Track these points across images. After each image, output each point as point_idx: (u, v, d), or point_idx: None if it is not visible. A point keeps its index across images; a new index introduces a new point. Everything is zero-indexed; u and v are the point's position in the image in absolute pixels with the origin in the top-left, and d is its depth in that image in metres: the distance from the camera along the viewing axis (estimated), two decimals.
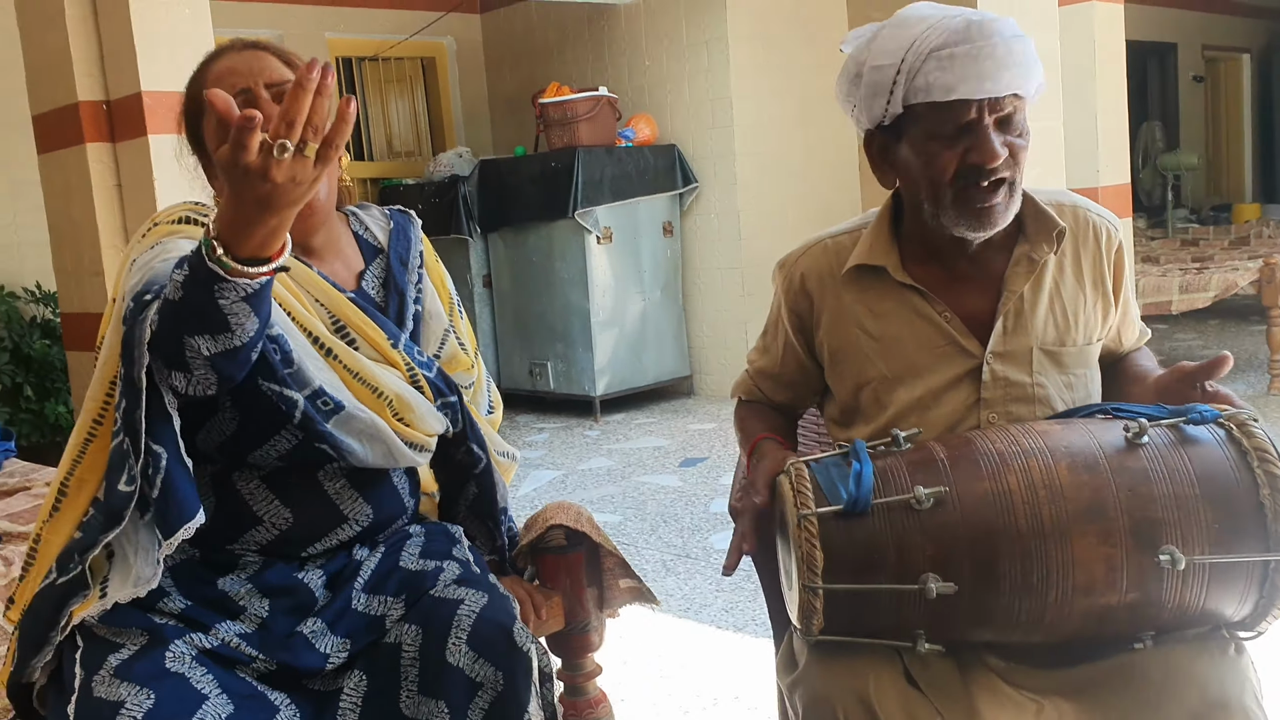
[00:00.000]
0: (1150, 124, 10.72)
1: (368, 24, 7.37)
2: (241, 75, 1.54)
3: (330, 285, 1.57)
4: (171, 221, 1.52)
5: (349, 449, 1.52)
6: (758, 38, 6.63)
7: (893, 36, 1.52)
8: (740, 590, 3.56)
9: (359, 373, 1.52)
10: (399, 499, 1.66)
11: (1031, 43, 1.50)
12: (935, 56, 1.46)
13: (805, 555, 1.34)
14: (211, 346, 1.27)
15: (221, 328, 1.26)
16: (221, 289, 1.22)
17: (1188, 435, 1.38)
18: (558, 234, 6.50)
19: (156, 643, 1.39)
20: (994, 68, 1.45)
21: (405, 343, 1.63)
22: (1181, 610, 1.35)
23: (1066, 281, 1.63)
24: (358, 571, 1.58)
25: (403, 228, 1.75)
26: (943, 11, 1.51)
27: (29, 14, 4.34)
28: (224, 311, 1.24)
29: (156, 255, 1.44)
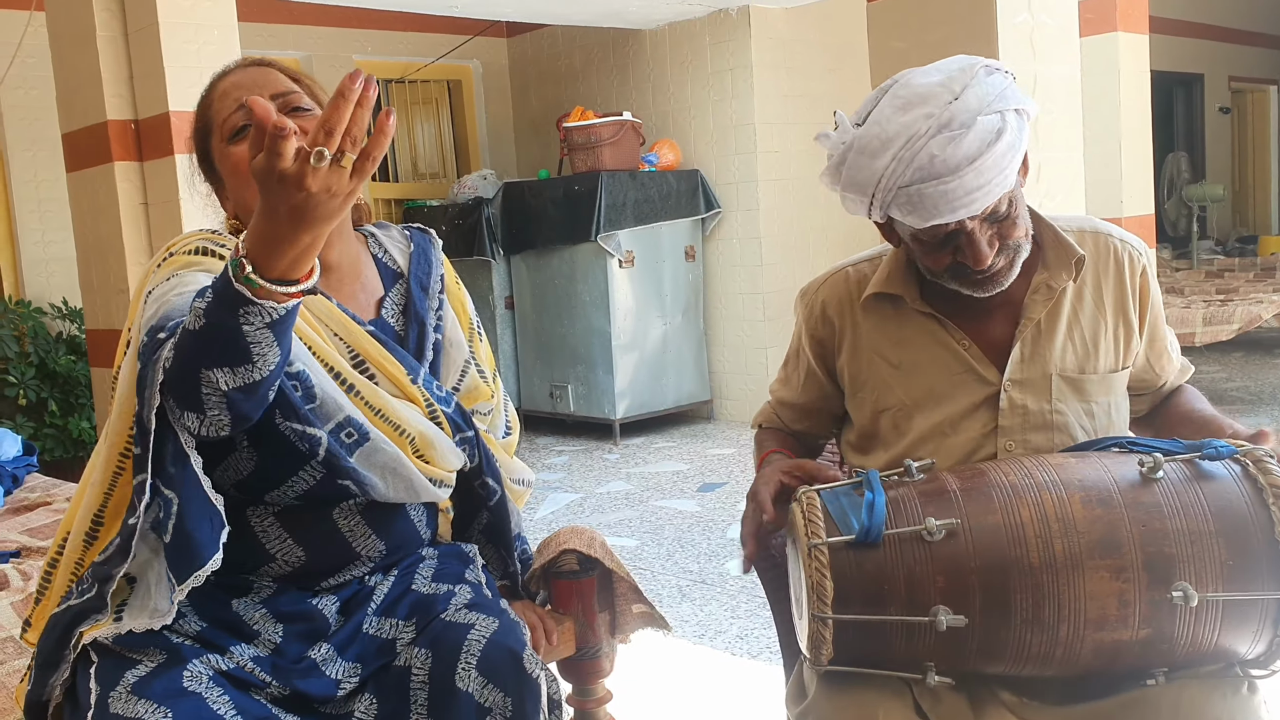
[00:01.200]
0: (1176, 155, 10.67)
1: (395, 47, 7.44)
2: (245, 89, 1.53)
3: (349, 317, 1.53)
4: (187, 251, 1.50)
5: (370, 484, 1.51)
6: (781, 65, 6.66)
7: (861, 166, 1.49)
8: (755, 618, 3.55)
9: (381, 409, 1.50)
10: (415, 532, 1.65)
11: (1004, 138, 1.43)
12: (905, 192, 1.46)
13: (815, 584, 1.33)
14: (230, 380, 1.24)
15: (242, 358, 1.22)
16: (247, 313, 1.19)
17: (1203, 471, 1.37)
18: (580, 257, 6.52)
19: (174, 661, 1.38)
20: (965, 197, 1.43)
21: (425, 377, 1.59)
22: (1194, 647, 1.34)
23: (1086, 308, 1.63)
24: (371, 596, 1.58)
25: (423, 250, 1.71)
26: (896, 136, 1.45)
27: (61, 35, 4.41)
28: (247, 339, 1.21)
29: (172, 288, 1.42)
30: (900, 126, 1.45)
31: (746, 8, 6.51)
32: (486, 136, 8.06)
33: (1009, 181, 1.46)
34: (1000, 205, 1.49)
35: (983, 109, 1.43)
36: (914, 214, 1.47)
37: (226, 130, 1.53)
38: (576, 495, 5.40)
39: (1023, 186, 1.56)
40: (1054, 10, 2.86)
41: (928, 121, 1.43)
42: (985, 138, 1.42)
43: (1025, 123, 1.49)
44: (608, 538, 4.53)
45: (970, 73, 1.47)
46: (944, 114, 1.43)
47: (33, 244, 6.07)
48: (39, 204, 6.00)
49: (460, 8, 6.20)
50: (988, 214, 1.48)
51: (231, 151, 1.52)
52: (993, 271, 1.54)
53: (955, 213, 1.45)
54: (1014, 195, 1.51)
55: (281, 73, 1.58)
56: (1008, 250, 1.53)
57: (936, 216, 1.45)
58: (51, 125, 4.70)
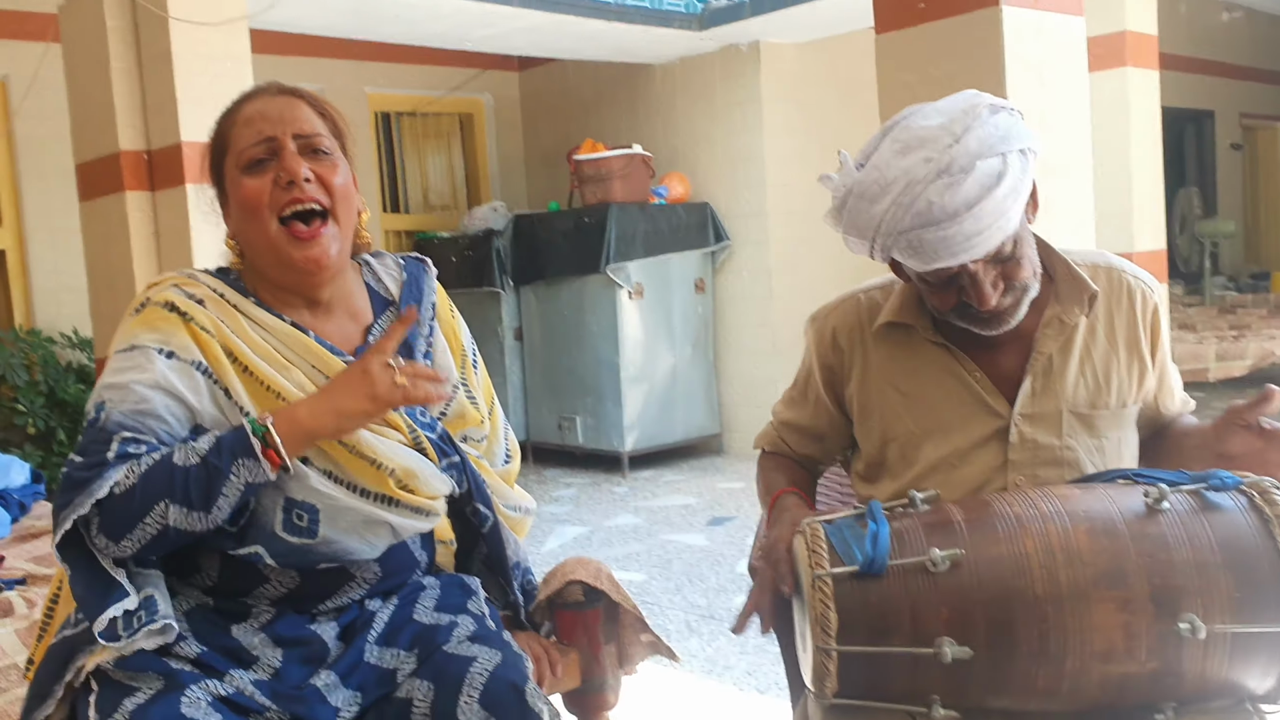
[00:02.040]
0: (1188, 191, 10.66)
1: (407, 80, 7.50)
2: (272, 122, 1.52)
3: (326, 350, 1.53)
4: (160, 304, 1.50)
5: (350, 551, 1.51)
6: (790, 99, 6.69)
7: (860, 211, 1.50)
8: (764, 653, 3.51)
9: (354, 446, 1.49)
10: (410, 556, 1.64)
11: (1005, 182, 1.43)
12: (904, 237, 1.46)
13: (819, 616, 1.32)
14: (178, 519, 1.38)
15: (204, 505, 1.38)
16: (242, 465, 1.38)
17: (1209, 502, 1.36)
18: (589, 288, 6.53)
19: (172, 687, 1.38)
20: (965, 242, 1.44)
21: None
22: (1203, 681, 1.32)
23: (1099, 344, 1.62)
24: (370, 622, 1.57)
25: (416, 278, 1.71)
26: (895, 180, 1.45)
27: (76, 66, 4.46)
28: (222, 489, 1.38)
29: (128, 374, 1.44)
30: (899, 171, 1.45)
31: (756, 43, 6.55)
32: (497, 169, 8.10)
33: (1011, 225, 1.45)
34: (1005, 247, 1.48)
35: (983, 152, 1.43)
36: (915, 258, 1.47)
37: (243, 160, 1.52)
38: (584, 528, 5.38)
39: (1031, 223, 1.56)
40: (1062, 43, 2.87)
41: (927, 166, 1.43)
42: (985, 182, 1.42)
43: (1029, 162, 1.48)
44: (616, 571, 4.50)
45: (973, 113, 1.46)
46: (943, 158, 1.43)
47: (45, 273, 6.11)
48: (51, 234, 6.04)
49: (472, 42, 6.26)
50: (991, 256, 1.48)
51: (245, 183, 1.51)
52: (998, 311, 1.53)
53: (956, 257, 1.45)
54: (1019, 235, 1.50)
55: (309, 105, 1.57)
56: (1014, 290, 1.53)
57: (937, 261, 1.46)
58: (65, 155, 4.74)
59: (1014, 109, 1.50)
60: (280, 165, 1.50)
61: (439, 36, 6.09)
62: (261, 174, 1.51)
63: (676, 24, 6.15)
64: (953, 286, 1.52)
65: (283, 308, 1.56)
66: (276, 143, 1.51)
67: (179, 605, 1.50)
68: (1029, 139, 1.48)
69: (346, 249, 1.58)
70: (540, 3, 5.49)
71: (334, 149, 1.56)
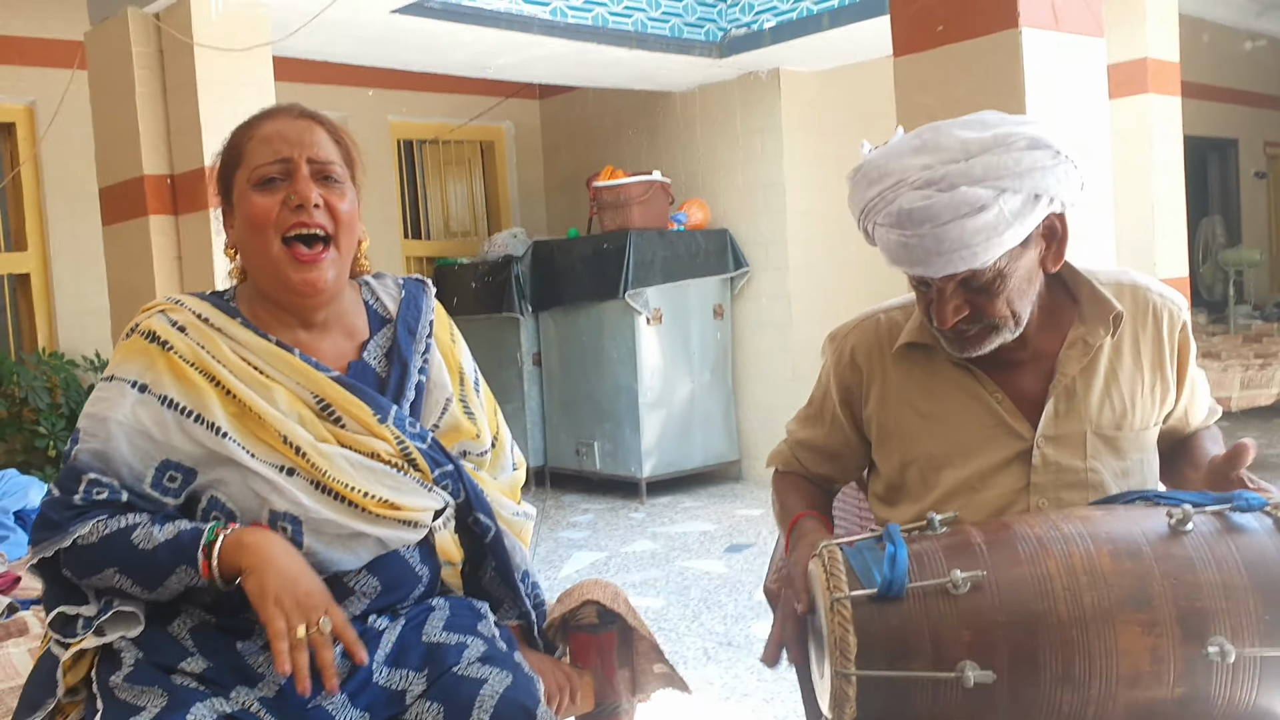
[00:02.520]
0: (1211, 219, 10.59)
1: (429, 108, 7.55)
2: (290, 143, 1.55)
3: (310, 367, 1.56)
4: (143, 334, 1.55)
5: (335, 561, 1.51)
6: (810, 127, 6.69)
7: (856, 188, 1.52)
8: (782, 681, 3.48)
9: (319, 482, 1.50)
10: (408, 569, 1.63)
11: (983, 216, 1.41)
12: (879, 229, 1.49)
13: (838, 640, 1.30)
14: (124, 586, 1.46)
15: (150, 585, 1.45)
16: (184, 571, 1.43)
17: (1234, 523, 1.33)
18: (608, 314, 6.53)
19: (177, 705, 1.37)
20: (925, 256, 1.44)
21: (396, 415, 1.59)
22: (1232, 707, 1.29)
23: (1124, 365, 1.60)
24: (378, 642, 1.55)
25: (414, 297, 1.73)
26: (893, 173, 1.46)
27: (101, 92, 4.50)
28: (168, 581, 1.44)
29: (103, 406, 1.51)
30: (898, 167, 1.46)
31: (776, 70, 6.56)
32: (517, 195, 8.13)
33: (980, 258, 1.43)
34: (980, 276, 1.46)
35: (981, 180, 1.41)
36: (886, 252, 1.50)
37: (256, 177, 1.54)
38: (602, 554, 5.35)
39: (1048, 271, 1.53)
40: (1082, 65, 2.85)
41: (921, 173, 1.44)
42: (958, 208, 1.40)
43: (1040, 209, 1.45)
44: (633, 597, 4.48)
45: (1005, 141, 1.44)
46: (939, 171, 1.43)
47: (68, 296, 6.15)
48: (75, 257, 6.09)
49: (493, 70, 6.29)
50: (960, 280, 1.47)
51: (254, 200, 1.54)
52: (960, 333, 1.52)
53: (913, 266, 1.47)
54: (1006, 273, 1.47)
55: (327, 131, 1.60)
56: (980, 322, 1.51)
57: (899, 263, 1.48)
58: (89, 180, 4.78)
59: (1069, 158, 1.46)
60: (292, 187, 1.53)
61: (460, 65, 6.13)
62: (272, 193, 1.54)
63: (696, 52, 6.18)
64: (924, 293, 1.53)
65: (273, 326, 1.59)
66: (291, 164, 1.54)
67: (183, 623, 1.50)
68: (1059, 190, 1.45)
69: (344, 275, 1.61)
70: (561, 30, 5.52)
71: (344, 177, 1.59)
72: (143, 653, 1.46)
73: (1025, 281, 1.51)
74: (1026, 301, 1.53)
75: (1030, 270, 1.51)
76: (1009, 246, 1.45)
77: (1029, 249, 1.50)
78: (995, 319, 1.51)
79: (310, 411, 1.53)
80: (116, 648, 1.47)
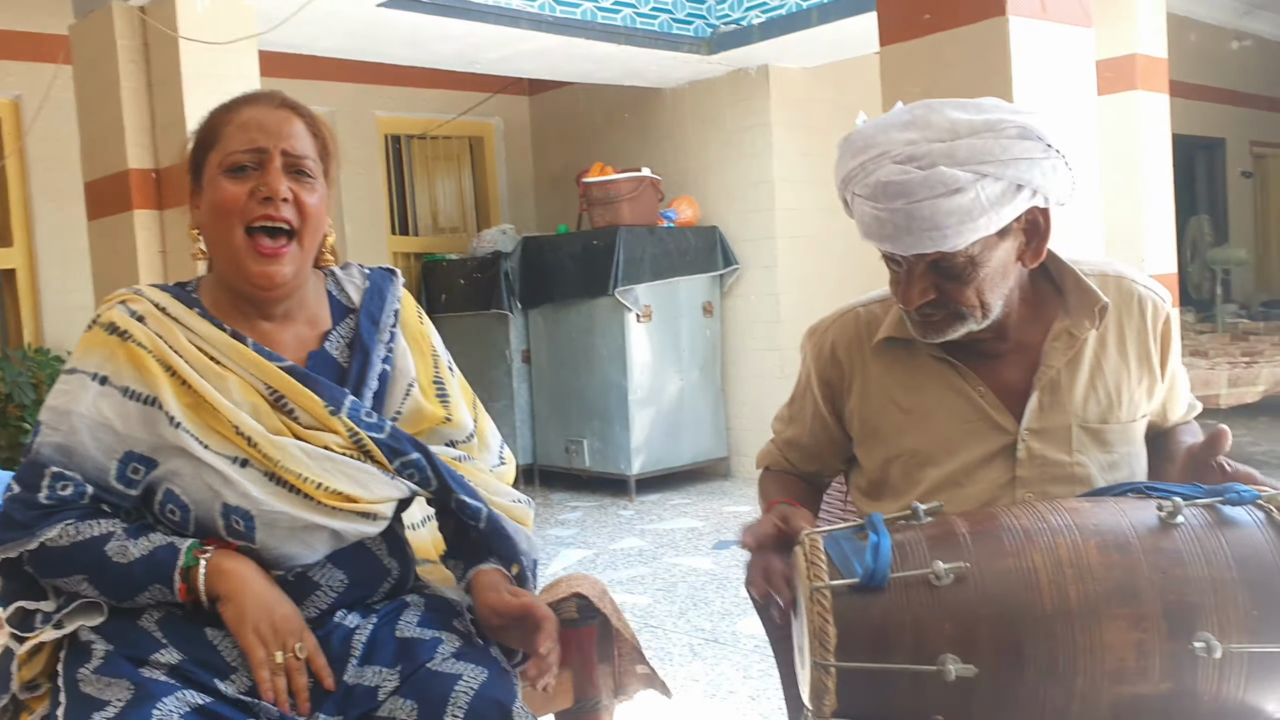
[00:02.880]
0: (1199, 218, 10.61)
1: (417, 104, 7.51)
2: (266, 133, 1.53)
3: (262, 358, 1.53)
4: (104, 325, 1.53)
5: (290, 556, 1.49)
6: (799, 124, 6.68)
7: (842, 156, 1.51)
8: (768, 678, 3.46)
9: (272, 473, 1.49)
10: (377, 564, 1.60)
11: (957, 199, 1.39)
12: (857, 199, 1.47)
13: (818, 630, 1.28)
14: (90, 593, 1.46)
15: (120, 598, 1.46)
16: (156, 589, 1.44)
17: (1225, 517, 1.31)
18: (598, 311, 6.51)
19: (143, 699, 1.35)
20: (895, 232, 1.43)
21: (351, 406, 1.55)
22: (1219, 704, 1.27)
23: (1110, 357, 1.58)
24: (350, 639, 1.53)
25: (379, 286, 1.70)
26: (878, 145, 1.45)
27: (86, 86, 4.47)
28: (138, 594, 1.45)
29: (65, 399, 1.49)
30: (884, 140, 1.45)
31: (765, 67, 6.55)
32: (506, 192, 8.10)
33: (950, 241, 1.41)
34: (950, 260, 1.44)
35: (964, 163, 1.39)
36: (860, 224, 1.49)
37: (228, 163, 1.53)
38: (590, 551, 5.33)
39: (1026, 266, 1.52)
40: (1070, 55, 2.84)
41: (905, 148, 1.42)
42: (934, 187, 1.39)
43: (1015, 200, 1.42)
44: (620, 594, 4.46)
45: (995, 127, 1.42)
46: (922, 148, 1.41)
47: (54, 292, 6.11)
48: (61, 253, 6.04)
49: (482, 65, 6.27)
50: (930, 262, 1.45)
51: (223, 186, 1.52)
52: (924, 317, 1.51)
53: (883, 242, 1.46)
54: (979, 261, 1.45)
55: (305, 123, 1.58)
56: (946, 308, 1.49)
57: (870, 237, 1.47)
58: (75, 176, 4.75)
59: (1060, 154, 1.44)
60: (263, 178, 1.52)
61: (449, 59, 6.10)
62: (242, 180, 1.52)
63: (685, 48, 6.16)
64: (895, 271, 1.51)
65: (232, 316, 1.58)
66: (265, 155, 1.52)
67: (151, 615, 1.48)
68: (1045, 184, 1.43)
69: (305, 269, 1.59)
70: (550, 25, 5.50)
71: (317, 172, 1.58)
72: (113, 645, 1.43)
73: (999, 273, 1.49)
74: (998, 293, 1.50)
75: (1005, 262, 1.49)
76: (983, 234, 1.42)
77: (1006, 240, 1.47)
78: (962, 307, 1.49)
79: (264, 402, 1.52)
80: (86, 640, 1.45)
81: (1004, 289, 1.51)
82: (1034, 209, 1.48)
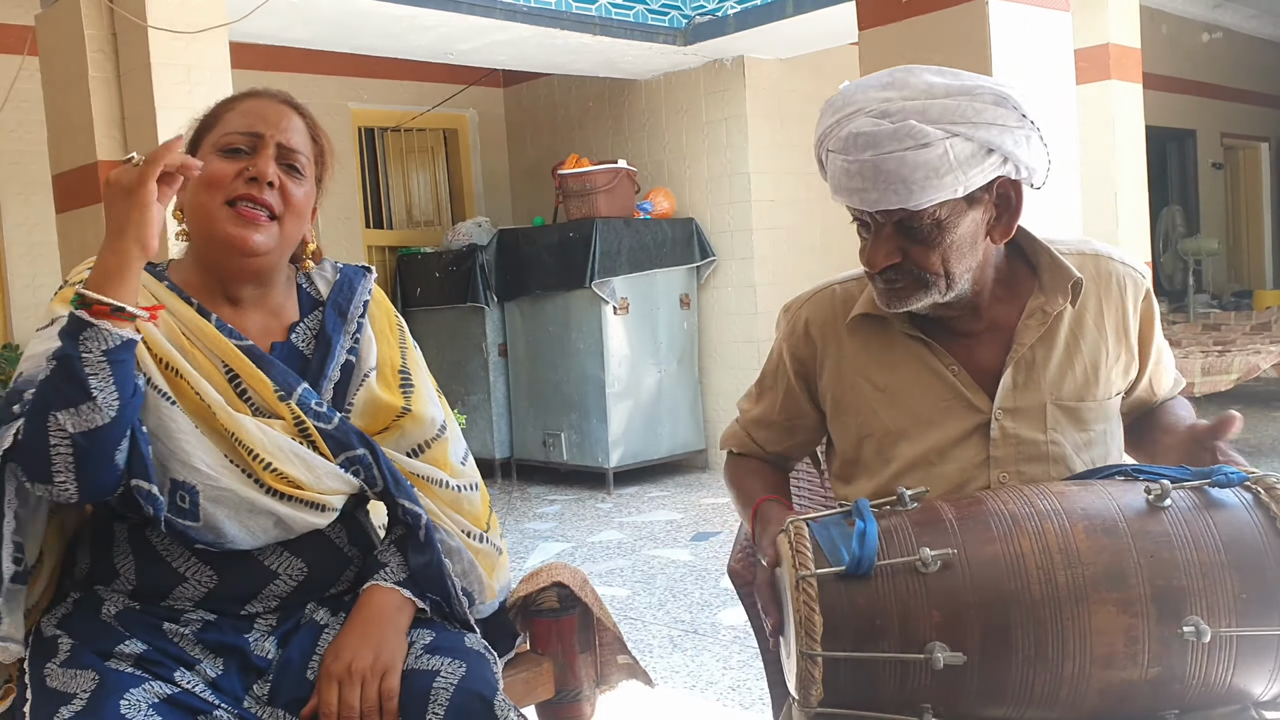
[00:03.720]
0: (1171, 209, 10.69)
1: (391, 95, 7.45)
2: (266, 122, 1.55)
3: (222, 336, 1.51)
4: (77, 284, 1.48)
5: (230, 538, 1.46)
6: (775, 115, 6.67)
7: (823, 118, 1.50)
8: (748, 668, 3.45)
9: (235, 433, 1.46)
10: (338, 553, 1.58)
11: (925, 154, 1.38)
12: (831, 154, 1.47)
13: (804, 619, 1.26)
14: (74, 423, 1.32)
15: (82, 393, 1.32)
16: (85, 339, 1.32)
17: (1213, 499, 1.30)
18: (574, 304, 6.48)
19: (110, 690, 1.32)
20: (862, 185, 1.42)
21: (303, 393, 1.53)
22: (1207, 687, 1.26)
23: (1087, 334, 1.56)
24: (318, 635, 1.51)
25: (349, 279, 1.69)
26: (855, 103, 1.45)
27: (54, 78, 4.39)
28: (85, 369, 1.31)
29: (44, 344, 1.42)
30: (861, 98, 1.45)
31: (741, 58, 6.53)
32: (482, 184, 8.05)
33: (915, 197, 1.40)
34: (916, 221, 1.43)
35: (936, 121, 1.39)
36: (830, 181, 1.48)
37: (222, 143, 1.54)
38: (568, 544, 5.31)
39: (995, 243, 1.50)
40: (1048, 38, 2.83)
41: (880, 104, 1.42)
42: (902, 140, 1.39)
43: (985, 163, 1.41)
44: (599, 587, 4.44)
45: (971, 91, 1.42)
46: (896, 105, 1.41)
47: (22, 287, 6.03)
48: (30, 248, 5.97)
49: (456, 55, 6.22)
50: (897, 220, 1.44)
51: (213, 162, 1.52)
52: (888, 284, 1.50)
53: (850, 196, 1.45)
54: (942, 224, 1.44)
55: (306, 124, 1.60)
56: (910, 273, 1.47)
57: (838, 190, 1.46)
58: (43, 169, 4.67)
59: (1036, 126, 1.44)
60: (253, 160, 1.52)
61: (423, 50, 6.05)
62: (234, 161, 1.53)
63: (661, 39, 6.13)
64: (864, 237, 1.51)
65: (198, 294, 1.56)
66: (260, 140, 1.54)
67: (108, 610, 1.46)
68: (1018, 153, 1.42)
69: (280, 255, 1.58)
70: (524, 15, 5.46)
71: (308, 171, 1.58)
72: (77, 639, 1.41)
73: (967, 242, 1.47)
74: (964, 264, 1.49)
75: (973, 233, 1.47)
76: (949, 194, 1.41)
77: (975, 210, 1.46)
78: (927, 272, 1.47)
79: (223, 380, 1.50)
80: (51, 634, 1.42)
81: (970, 261, 1.49)
82: (1005, 181, 1.47)
